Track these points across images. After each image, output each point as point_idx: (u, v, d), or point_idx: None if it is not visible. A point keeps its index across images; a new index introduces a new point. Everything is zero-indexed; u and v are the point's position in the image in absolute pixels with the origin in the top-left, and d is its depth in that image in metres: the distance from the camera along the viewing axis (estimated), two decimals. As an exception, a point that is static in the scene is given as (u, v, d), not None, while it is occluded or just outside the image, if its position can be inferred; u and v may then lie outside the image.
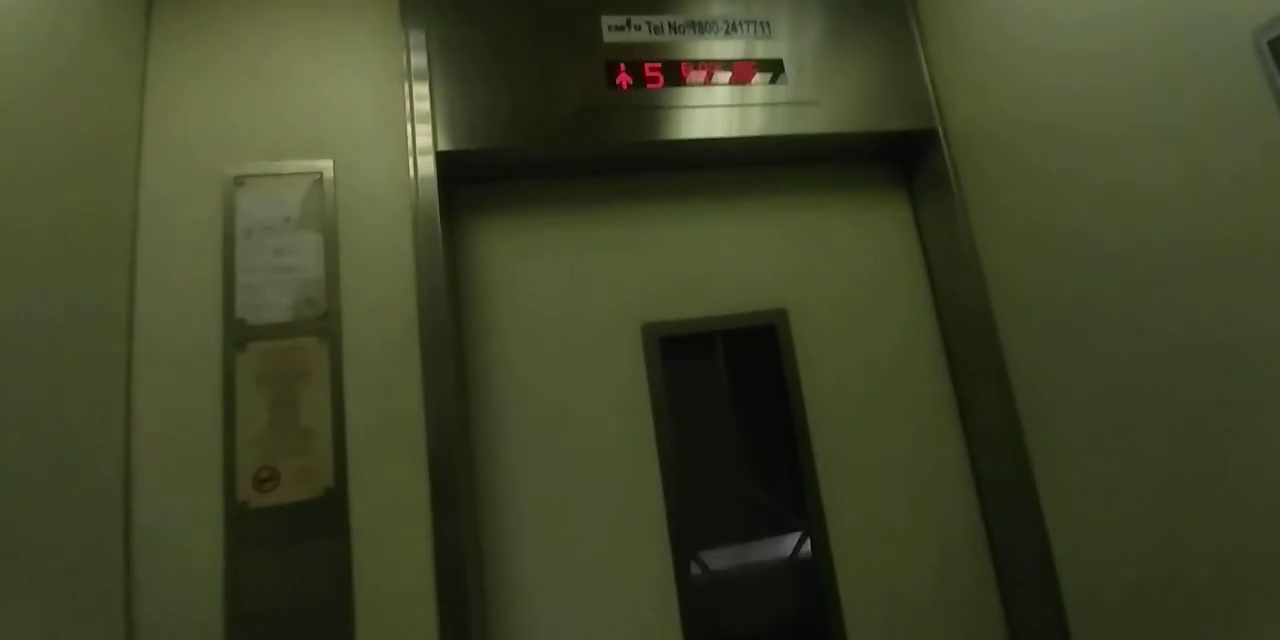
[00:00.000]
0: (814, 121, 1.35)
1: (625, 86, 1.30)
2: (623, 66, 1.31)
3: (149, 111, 1.17)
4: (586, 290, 1.35)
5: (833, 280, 1.45)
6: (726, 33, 1.38)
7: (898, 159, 1.55)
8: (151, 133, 1.16)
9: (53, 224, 0.92)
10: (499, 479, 1.24)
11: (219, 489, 1.04)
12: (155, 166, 1.15)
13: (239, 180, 1.17)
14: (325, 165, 1.20)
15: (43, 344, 0.88)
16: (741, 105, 1.34)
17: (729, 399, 1.39)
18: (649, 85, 1.31)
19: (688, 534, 1.27)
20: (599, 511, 1.26)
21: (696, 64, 1.35)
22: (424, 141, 1.21)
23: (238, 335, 1.11)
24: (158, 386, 1.06)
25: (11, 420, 0.81)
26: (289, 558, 1.03)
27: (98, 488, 0.96)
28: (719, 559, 1.31)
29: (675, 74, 1.33)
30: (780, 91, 1.36)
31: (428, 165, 1.20)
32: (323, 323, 1.14)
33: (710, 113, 1.32)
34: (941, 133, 1.40)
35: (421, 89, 1.23)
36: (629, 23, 1.35)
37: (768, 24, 1.40)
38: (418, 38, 1.26)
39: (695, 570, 1.27)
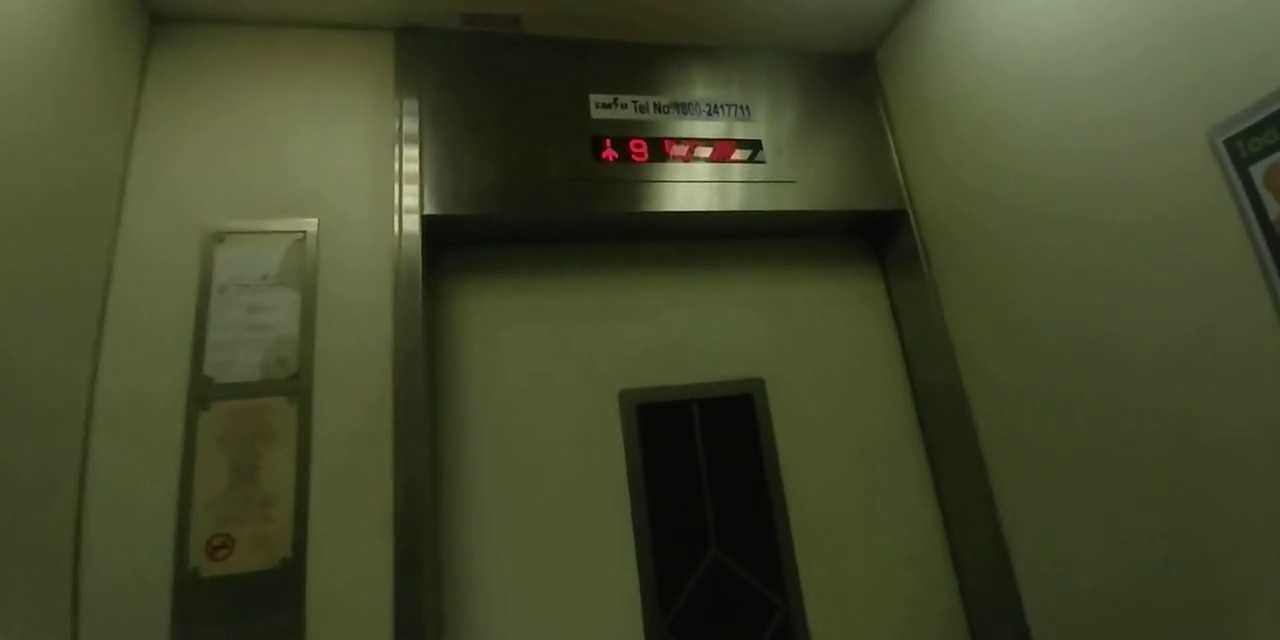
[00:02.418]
0: (791, 199, 1.41)
1: (610, 160, 1.35)
2: (608, 141, 1.36)
3: (135, 161, 1.17)
4: (565, 355, 1.35)
5: (809, 352, 1.48)
6: (709, 114, 1.45)
7: (870, 237, 1.61)
8: (136, 183, 1.15)
9: (23, 268, 0.90)
10: (467, 550, 1.19)
11: (169, 554, 0.98)
12: (136, 218, 1.14)
13: (219, 236, 1.17)
14: (310, 223, 1.20)
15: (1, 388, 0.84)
16: (721, 181, 1.39)
17: (705, 468, 1.37)
18: (633, 159, 1.36)
19: (659, 607, 1.23)
20: (570, 587, 1.21)
21: (679, 141, 1.40)
22: (410, 202, 1.23)
23: (202, 393, 1.08)
24: (115, 441, 1.02)
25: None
26: (238, 632, 0.97)
27: (45, 545, 0.91)
28: (692, 632, 1.26)
29: (659, 150, 1.38)
30: (759, 170, 1.42)
31: (413, 226, 1.21)
32: (293, 383, 1.11)
33: (691, 188, 1.37)
34: (911, 213, 1.46)
35: (411, 152, 1.26)
36: (616, 101, 1.41)
37: (747, 107, 1.48)
38: (411, 105, 1.29)
39: (666, 648, 1.23)
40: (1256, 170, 0.85)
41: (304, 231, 1.20)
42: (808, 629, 1.28)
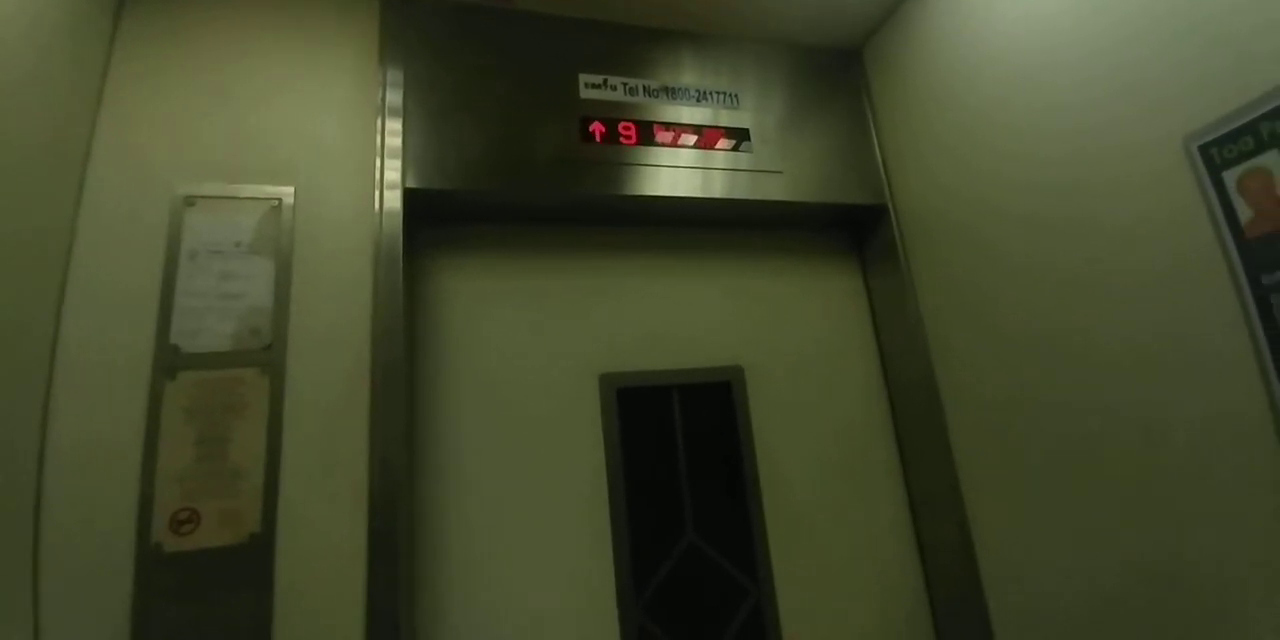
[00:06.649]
0: (775, 189, 1.42)
1: (598, 141, 1.33)
2: (597, 122, 1.35)
3: (103, 121, 1.10)
4: (546, 336, 1.34)
5: (788, 342, 1.49)
6: (698, 100, 1.45)
7: (851, 231, 1.63)
8: (102, 144, 1.09)
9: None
10: (441, 528, 1.18)
11: (131, 528, 0.94)
12: (102, 178, 1.08)
13: (189, 200, 1.12)
14: (286, 192, 1.16)
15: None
16: (708, 168, 1.39)
17: (683, 452, 1.37)
18: (621, 142, 1.35)
19: (634, 589, 1.23)
20: (545, 567, 1.21)
21: (668, 126, 1.40)
22: (392, 176, 1.19)
23: (169, 362, 1.03)
24: (76, 410, 0.97)
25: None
26: (203, 609, 0.93)
27: (3, 517, 0.86)
28: (666, 615, 1.26)
29: (648, 134, 1.38)
30: (745, 159, 1.42)
31: (394, 200, 1.18)
32: (266, 354, 1.07)
33: (678, 173, 1.37)
34: (891, 209, 1.49)
35: (395, 125, 1.22)
36: (605, 83, 1.39)
37: (736, 96, 1.48)
38: (395, 75, 1.26)
39: (642, 627, 1.23)
40: (1230, 176, 0.88)
41: (279, 199, 1.16)
42: (779, 613, 1.29)
